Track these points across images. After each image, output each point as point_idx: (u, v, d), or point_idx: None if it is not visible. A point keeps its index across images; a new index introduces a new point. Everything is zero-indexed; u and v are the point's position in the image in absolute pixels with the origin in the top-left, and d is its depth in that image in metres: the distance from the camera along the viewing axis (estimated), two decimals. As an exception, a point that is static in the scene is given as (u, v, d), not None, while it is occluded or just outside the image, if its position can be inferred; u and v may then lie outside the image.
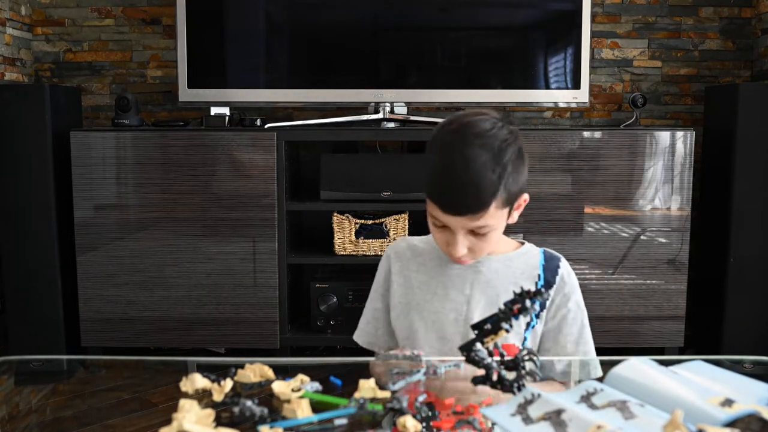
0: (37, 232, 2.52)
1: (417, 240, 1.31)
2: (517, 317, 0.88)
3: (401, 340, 1.24)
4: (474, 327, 0.91)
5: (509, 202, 1.12)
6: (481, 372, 0.88)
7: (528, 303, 0.87)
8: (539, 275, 1.23)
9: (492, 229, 1.11)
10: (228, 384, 0.89)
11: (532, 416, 0.77)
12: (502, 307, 0.88)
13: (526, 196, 1.19)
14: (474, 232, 1.11)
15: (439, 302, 1.21)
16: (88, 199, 2.54)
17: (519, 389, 0.86)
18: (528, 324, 1.20)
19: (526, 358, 0.89)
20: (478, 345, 0.89)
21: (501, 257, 1.23)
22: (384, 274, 1.29)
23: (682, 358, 0.93)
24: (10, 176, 2.51)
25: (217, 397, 0.85)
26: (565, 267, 1.25)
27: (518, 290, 0.89)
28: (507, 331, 0.88)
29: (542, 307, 1.21)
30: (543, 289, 0.93)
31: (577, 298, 1.25)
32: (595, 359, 1.21)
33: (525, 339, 1.20)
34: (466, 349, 0.90)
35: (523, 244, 1.28)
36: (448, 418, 0.83)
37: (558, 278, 1.23)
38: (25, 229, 2.52)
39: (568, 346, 1.22)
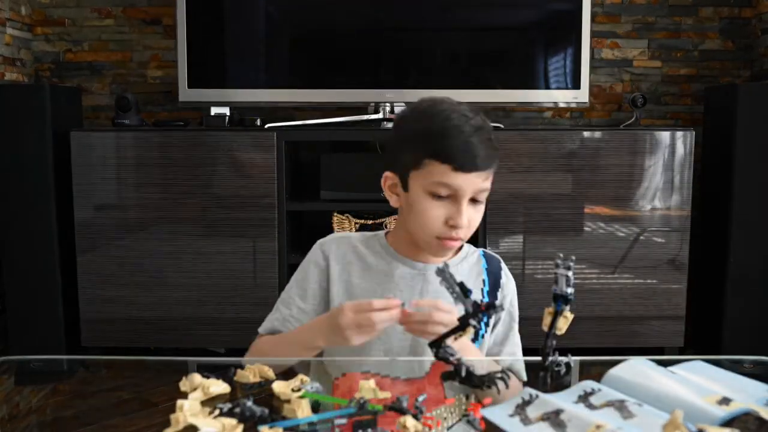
0: (37, 232, 2.52)
1: (356, 240, 1.21)
2: (485, 313, 0.88)
3: (342, 350, 1.11)
4: (431, 345, 0.92)
5: (491, 179, 1.12)
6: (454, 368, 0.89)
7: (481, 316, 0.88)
8: (484, 280, 1.19)
9: (484, 200, 1.11)
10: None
11: (530, 417, 0.77)
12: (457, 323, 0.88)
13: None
14: (474, 200, 1.08)
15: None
16: (88, 199, 2.54)
17: (488, 386, 0.88)
18: (477, 333, 1.13)
19: (498, 376, 0.90)
20: (448, 341, 0.90)
21: (449, 263, 1.16)
22: (318, 274, 1.19)
23: (682, 358, 0.93)
24: (10, 176, 2.50)
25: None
26: (505, 269, 1.23)
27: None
28: (475, 327, 0.88)
29: (487, 324, 1.17)
30: (496, 304, 0.92)
31: (513, 301, 1.22)
32: (521, 361, 1.15)
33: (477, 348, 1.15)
34: (436, 346, 0.90)
35: (461, 247, 1.22)
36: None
37: (502, 281, 1.20)
38: (25, 229, 2.52)
39: (493, 348, 1.19)
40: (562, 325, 0.90)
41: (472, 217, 1.09)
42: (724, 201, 2.58)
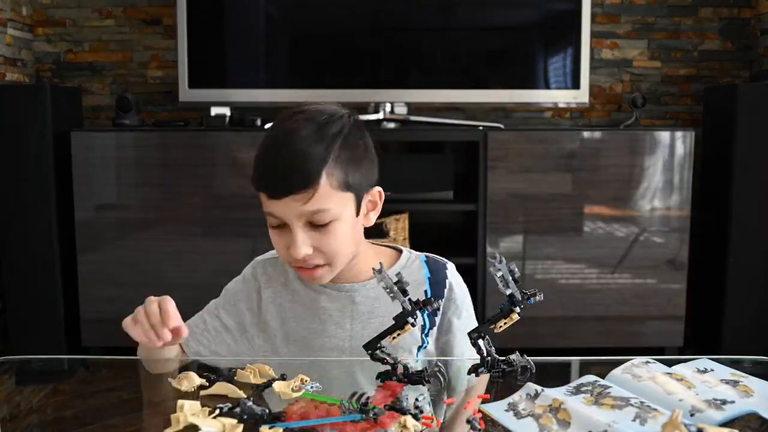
0: (37, 232, 2.52)
1: (287, 266, 1.13)
2: (423, 311, 0.86)
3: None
4: (366, 346, 0.90)
5: (349, 187, 0.99)
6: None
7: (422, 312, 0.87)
8: (425, 291, 1.10)
9: (334, 218, 0.98)
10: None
11: (532, 411, 0.77)
12: (393, 322, 0.87)
13: (379, 189, 1.07)
14: (312, 224, 0.97)
15: (319, 339, 1.08)
16: (89, 199, 2.54)
17: (428, 381, 0.88)
18: (419, 347, 1.09)
19: (435, 369, 0.90)
20: (383, 342, 0.89)
21: (372, 282, 1.08)
22: (247, 294, 1.14)
23: (684, 358, 0.93)
24: (10, 176, 2.50)
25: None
26: (453, 276, 1.13)
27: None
28: (413, 325, 0.85)
29: (432, 324, 1.11)
30: (433, 299, 0.87)
31: (468, 309, 1.14)
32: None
33: (417, 361, 1.08)
34: (371, 348, 0.90)
35: (400, 252, 1.14)
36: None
37: (446, 291, 1.11)
38: (25, 229, 2.52)
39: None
40: (501, 323, 0.89)
41: (320, 243, 0.99)
42: (723, 201, 2.58)
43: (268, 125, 2.59)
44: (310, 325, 1.10)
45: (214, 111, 2.64)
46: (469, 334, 0.93)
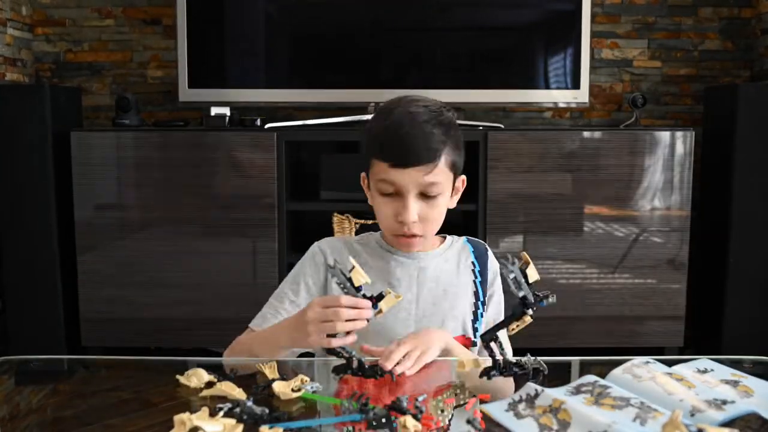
0: (37, 232, 2.52)
1: (352, 240, 1.26)
2: (375, 306, 0.92)
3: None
4: (483, 336, 0.95)
5: (454, 168, 1.13)
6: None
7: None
8: (473, 262, 1.24)
9: (440, 193, 1.11)
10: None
11: (532, 411, 0.77)
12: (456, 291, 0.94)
13: (463, 177, 1.19)
14: (424, 195, 1.10)
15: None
16: (88, 199, 2.54)
17: (381, 376, 0.91)
18: (475, 314, 1.21)
19: (534, 364, 0.91)
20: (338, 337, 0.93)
21: (437, 251, 1.23)
22: (314, 269, 1.21)
23: (685, 358, 0.93)
24: (10, 176, 2.50)
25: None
26: (491, 253, 1.28)
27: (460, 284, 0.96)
28: (531, 317, 0.91)
29: (484, 293, 1.23)
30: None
31: (499, 282, 1.27)
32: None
33: (476, 329, 1.20)
34: (488, 339, 0.94)
35: (444, 237, 1.27)
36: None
37: (489, 263, 1.25)
38: (25, 229, 2.52)
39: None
40: (514, 326, 0.92)
41: (425, 213, 1.11)
42: (724, 201, 2.58)
43: (268, 125, 2.59)
44: (379, 291, 1.14)
45: (214, 111, 2.64)
46: (482, 336, 0.96)
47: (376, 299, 0.91)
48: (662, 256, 2.58)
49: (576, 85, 2.67)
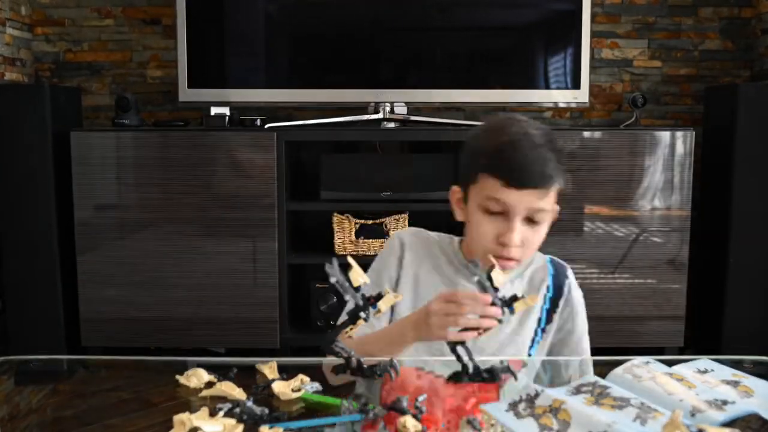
0: (37, 232, 2.52)
1: (433, 237, 1.23)
2: (374, 306, 0.89)
3: None
4: (324, 342, 0.92)
5: (558, 198, 1.11)
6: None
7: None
8: (548, 287, 1.19)
9: (545, 220, 1.08)
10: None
11: (532, 411, 0.77)
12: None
13: (558, 208, 1.14)
14: (530, 220, 1.07)
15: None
16: (88, 199, 2.54)
17: (380, 375, 0.90)
18: (533, 340, 1.17)
19: (390, 366, 0.91)
20: (338, 339, 0.92)
21: (516, 270, 1.17)
22: (396, 262, 1.20)
23: (685, 358, 0.93)
24: (10, 176, 2.50)
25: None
26: (572, 279, 1.22)
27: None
28: (365, 320, 0.89)
29: (548, 320, 1.18)
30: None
31: (583, 314, 1.22)
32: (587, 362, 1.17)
33: (530, 355, 1.16)
34: (326, 342, 0.92)
35: None
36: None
37: (566, 290, 1.20)
38: (25, 229, 2.52)
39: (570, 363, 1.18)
40: (348, 330, 0.91)
41: (528, 238, 1.07)
42: (724, 201, 2.58)
43: (268, 125, 2.59)
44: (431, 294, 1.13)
45: (214, 111, 2.64)
46: (448, 343, 0.93)
47: (375, 299, 0.90)
48: (662, 256, 2.58)
49: (576, 85, 2.67)
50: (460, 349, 0.92)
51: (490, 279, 0.91)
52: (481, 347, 1.11)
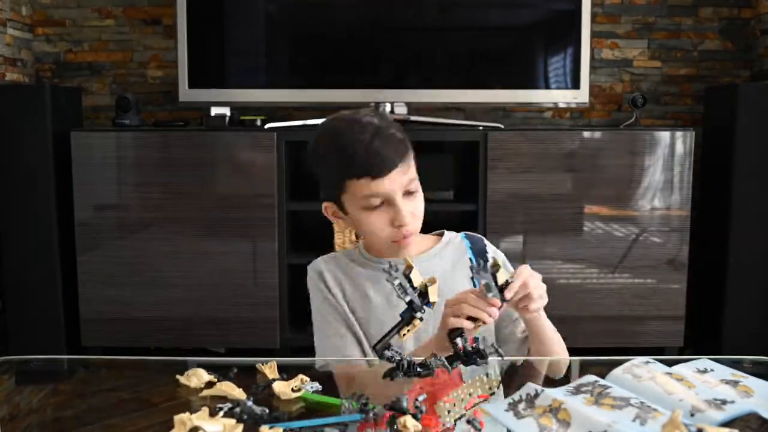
0: (37, 232, 2.52)
1: (341, 255, 1.25)
2: (429, 305, 0.90)
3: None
4: (374, 347, 0.93)
5: (413, 162, 1.15)
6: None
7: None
8: (470, 259, 1.21)
9: (418, 187, 1.13)
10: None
11: (532, 411, 0.77)
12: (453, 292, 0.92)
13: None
14: (408, 192, 1.12)
15: (388, 312, 1.16)
16: (88, 199, 2.54)
17: (429, 374, 0.88)
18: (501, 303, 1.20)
19: (438, 363, 0.90)
20: (390, 346, 0.92)
21: (430, 254, 1.22)
22: (332, 298, 1.20)
23: (685, 358, 0.93)
24: (10, 176, 2.50)
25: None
26: (490, 246, 1.27)
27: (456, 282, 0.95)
28: (420, 319, 0.91)
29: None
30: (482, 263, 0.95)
31: (509, 267, 1.23)
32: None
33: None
34: (380, 350, 0.91)
35: (441, 234, 1.27)
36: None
37: (488, 256, 1.24)
38: (25, 229, 2.52)
39: (518, 322, 1.20)
40: (405, 331, 0.91)
41: (414, 209, 1.13)
42: (724, 201, 2.58)
43: (268, 125, 2.59)
44: (392, 301, 1.15)
45: (214, 111, 2.64)
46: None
47: (422, 295, 0.91)
48: (662, 256, 2.58)
49: (576, 85, 2.67)
50: (459, 339, 0.93)
51: (409, 279, 0.91)
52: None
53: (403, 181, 1.10)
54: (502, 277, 0.95)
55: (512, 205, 2.55)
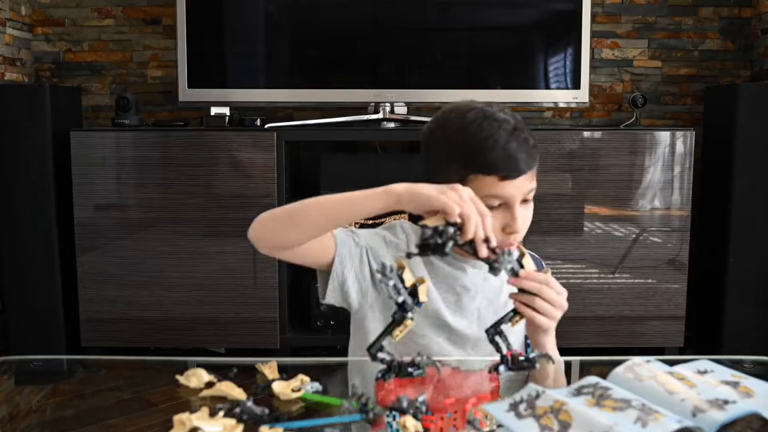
0: (37, 232, 2.52)
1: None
2: (419, 304, 0.89)
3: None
4: (488, 330, 0.95)
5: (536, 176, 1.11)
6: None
7: None
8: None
9: (532, 196, 1.11)
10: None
11: (533, 412, 0.77)
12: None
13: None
14: (524, 201, 1.09)
15: (451, 315, 1.16)
16: (88, 199, 2.54)
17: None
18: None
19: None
20: (383, 347, 0.90)
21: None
22: (390, 247, 1.15)
23: (685, 358, 0.93)
24: (10, 176, 2.50)
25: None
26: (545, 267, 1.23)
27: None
28: (412, 319, 0.89)
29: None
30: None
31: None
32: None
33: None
34: (374, 352, 0.89)
35: None
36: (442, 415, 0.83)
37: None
38: (25, 229, 2.52)
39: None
40: (397, 332, 0.89)
41: (525, 218, 1.11)
42: (724, 201, 2.58)
43: (268, 125, 2.59)
44: (447, 298, 1.15)
45: (214, 111, 2.64)
46: (487, 331, 0.95)
47: (412, 295, 0.90)
48: (662, 256, 2.58)
49: (576, 85, 2.67)
50: (498, 339, 0.94)
51: (402, 280, 0.90)
52: (463, 334, 1.14)
53: (525, 189, 1.07)
54: (409, 279, 0.90)
55: (512, 205, 2.54)
